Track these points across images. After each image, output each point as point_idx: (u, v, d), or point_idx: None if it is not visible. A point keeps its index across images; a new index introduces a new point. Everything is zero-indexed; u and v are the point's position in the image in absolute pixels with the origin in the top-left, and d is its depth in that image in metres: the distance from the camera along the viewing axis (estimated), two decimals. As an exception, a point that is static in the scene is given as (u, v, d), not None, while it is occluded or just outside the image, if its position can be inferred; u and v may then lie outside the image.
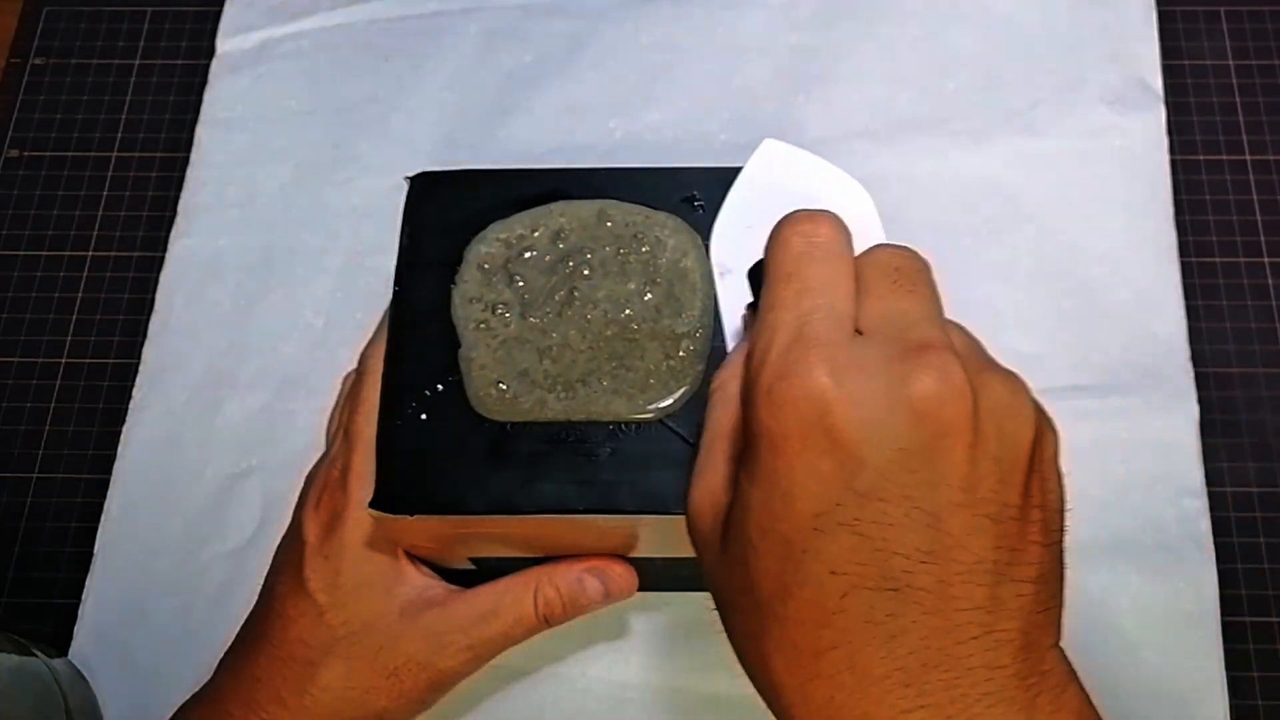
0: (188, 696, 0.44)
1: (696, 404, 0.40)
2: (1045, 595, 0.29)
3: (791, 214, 0.32)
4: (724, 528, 0.31)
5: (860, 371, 0.28)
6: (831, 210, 0.33)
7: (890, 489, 0.28)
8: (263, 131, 0.61)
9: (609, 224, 0.42)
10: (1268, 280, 0.56)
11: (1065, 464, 0.31)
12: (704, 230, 0.41)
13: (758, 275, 0.34)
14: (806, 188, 0.37)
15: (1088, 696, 0.29)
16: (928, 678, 0.27)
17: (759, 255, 0.34)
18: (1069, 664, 0.30)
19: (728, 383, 0.33)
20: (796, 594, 0.28)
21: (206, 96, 0.62)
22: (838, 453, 0.28)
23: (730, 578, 0.31)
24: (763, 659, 0.29)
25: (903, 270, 0.32)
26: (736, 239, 0.37)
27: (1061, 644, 0.30)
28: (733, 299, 0.37)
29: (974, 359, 0.30)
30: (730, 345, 0.36)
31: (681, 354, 0.40)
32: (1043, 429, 0.30)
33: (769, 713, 0.33)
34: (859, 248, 0.33)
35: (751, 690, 0.49)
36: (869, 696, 0.28)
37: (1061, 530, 0.30)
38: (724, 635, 0.49)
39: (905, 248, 0.32)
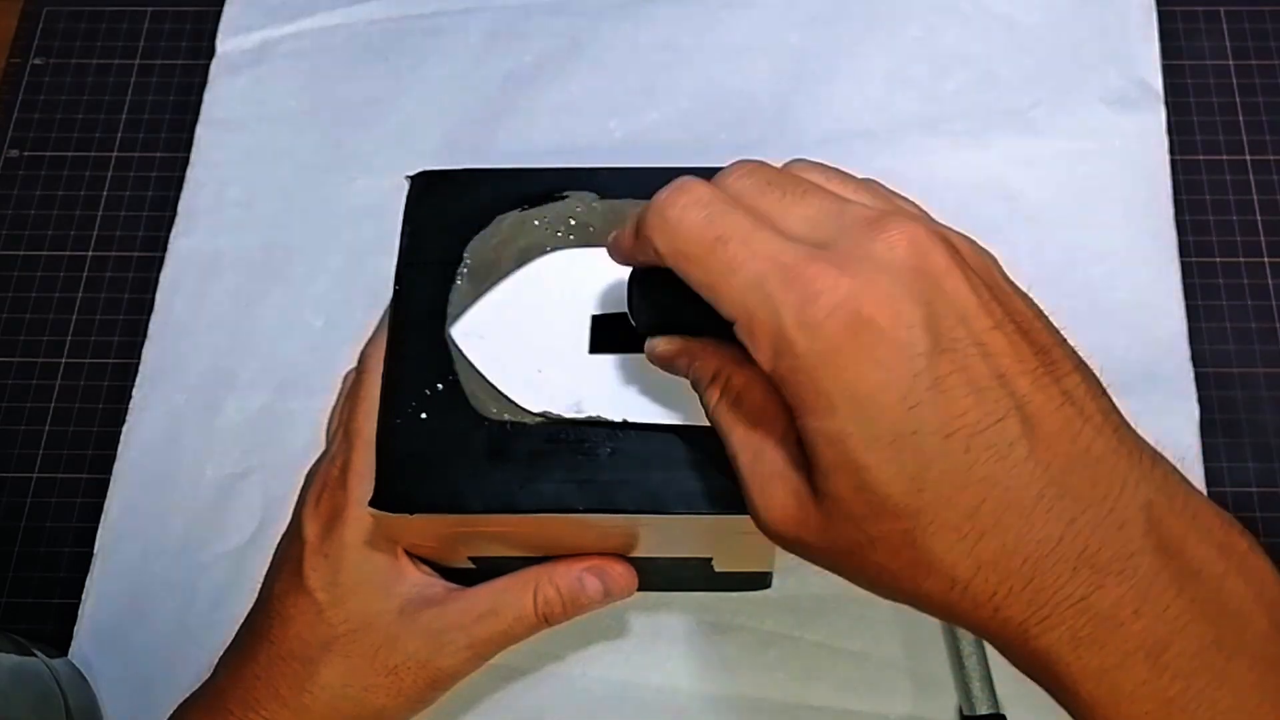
0: (187, 696, 0.44)
1: (696, 404, 0.40)
2: (1095, 384, 0.31)
3: (655, 201, 0.32)
4: (816, 498, 0.31)
5: (852, 262, 0.29)
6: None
7: (940, 339, 0.29)
8: (263, 131, 0.61)
9: (613, 216, 0.42)
10: (1268, 280, 0.56)
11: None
12: None
13: (652, 283, 0.34)
14: (522, 306, 0.39)
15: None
16: (1071, 481, 0.29)
17: (575, 381, 0.37)
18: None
19: (725, 384, 0.33)
20: (928, 474, 0.29)
21: (206, 96, 0.62)
22: (886, 335, 0.29)
23: (849, 530, 0.30)
24: (923, 563, 0.30)
25: (769, 178, 0.32)
26: (546, 388, 0.38)
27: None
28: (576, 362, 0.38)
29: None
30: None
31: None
32: (985, 251, 0.32)
33: (759, 714, 0.33)
34: (614, 283, 0.36)
35: (751, 691, 0.49)
36: (1036, 522, 0.29)
37: (1060, 334, 0.32)
38: (722, 635, 0.49)
39: (749, 165, 0.33)
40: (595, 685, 0.50)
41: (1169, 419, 0.53)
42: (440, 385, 0.40)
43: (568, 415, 0.38)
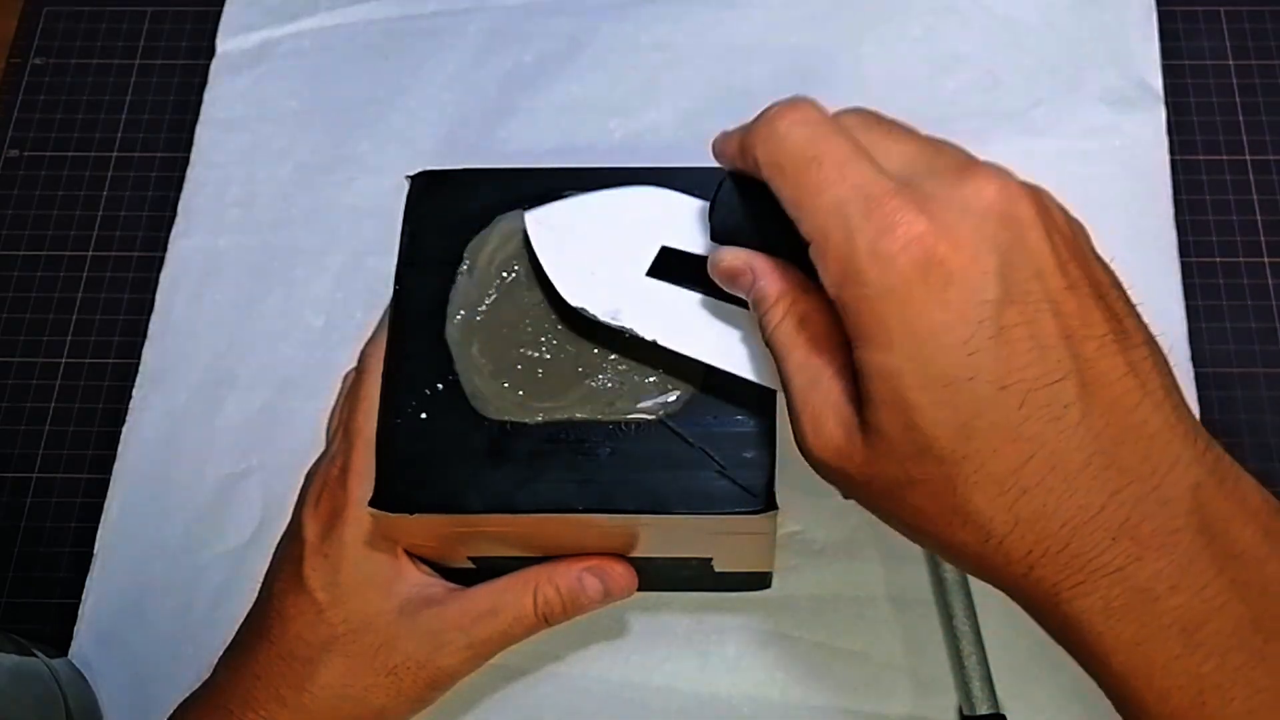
0: (187, 695, 0.44)
1: (697, 404, 0.40)
2: (1161, 361, 0.31)
3: (767, 112, 0.33)
4: (863, 432, 0.31)
5: (935, 203, 0.30)
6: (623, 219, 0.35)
7: (1012, 290, 0.29)
8: (263, 131, 0.61)
9: None
10: (1268, 280, 0.56)
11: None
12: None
13: (741, 191, 0.34)
14: (600, 218, 0.39)
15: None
16: (1121, 453, 0.29)
17: (622, 292, 0.36)
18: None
19: (790, 307, 0.33)
20: (978, 423, 0.29)
21: (206, 96, 0.62)
22: (956, 278, 0.29)
23: (892, 468, 0.31)
24: (961, 511, 0.30)
25: (879, 119, 0.33)
26: (595, 288, 0.38)
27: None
28: (670, 312, 0.37)
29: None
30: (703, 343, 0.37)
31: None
32: (1076, 220, 0.32)
33: (758, 714, 0.33)
34: (701, 230, 0.36)
35: (751, 690, 0.49)
36: (1079, 488, 0.29)
37: (1135, 308, 0.32)
38: (722, 635, 0.49)
39: (863, 109, 0.34)
40: (595, 685, 0.50)
41: (1169, 419, 0.52)
42: (440, 385, 0.40)
43: (602, 318, 0.38)
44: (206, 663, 0.45)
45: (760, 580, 0.49)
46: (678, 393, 0.40)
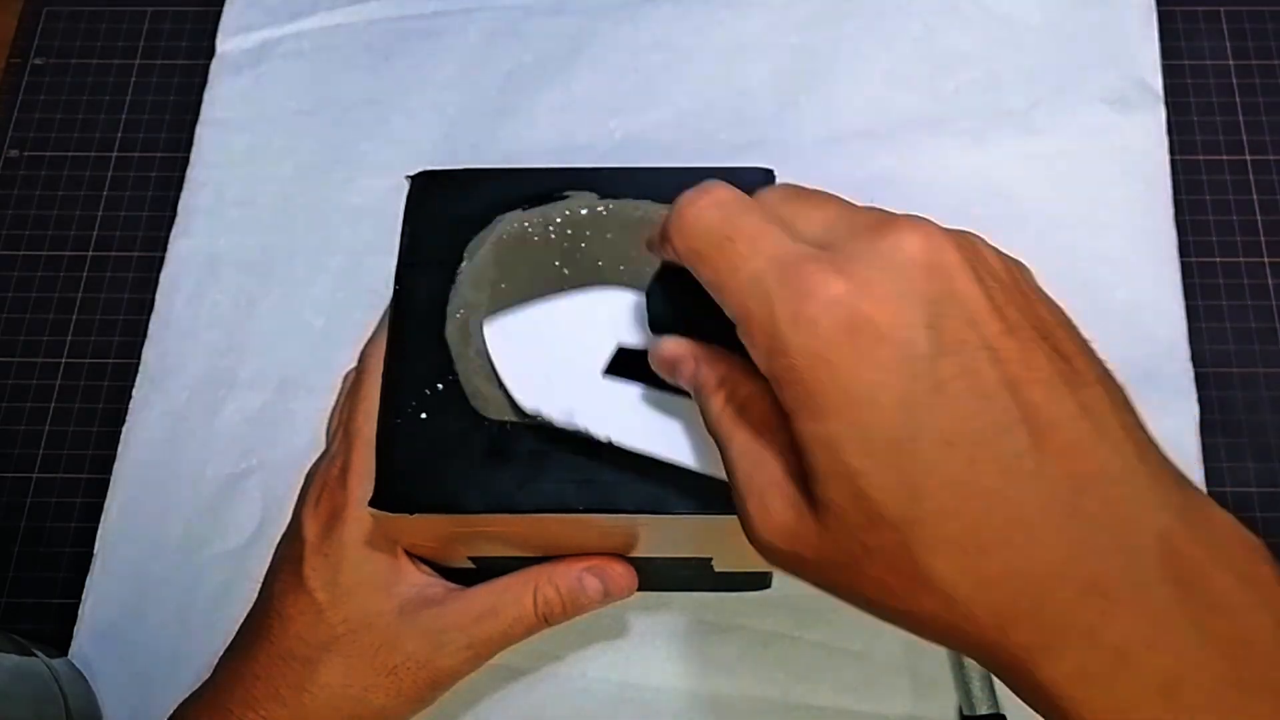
0: (187, 695, 0.44)
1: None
2: (1119, 398, 0.29)
3: (679, 203, 0.32)
4: (812, 508, 0.30)
5: (855, 263, 0.29)
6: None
7: (945, 341, 0.28)
8: (263, 131, 0.61)
9: (614, 213, 0.42)
10: (1268, 280, 0.56)
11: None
12: None
13: (672, 283, 0.34)
14: (559, 323, 0.39)
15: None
16: (1082, 501, 0.27)
17: (577, 394, 0.37)
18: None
19: (730, 392, 0.32)
20: (928, 483, 0.28)
21: (206, 96, 0.62)
22: (885, 335, 0.28)
23: (845, 541, 0.29)
24: (921, 578, 0.28)
25: (799, 191, 0.32)
26: (550, 392, 0.38)
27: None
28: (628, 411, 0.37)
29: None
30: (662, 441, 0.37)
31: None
32: (1014, 260, 0.31)
33: (758, 714, 0.33)
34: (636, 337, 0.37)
35: (751, 690, 0.49)
36: (1041, 542, 0.27)
37: (1088, 344, 0.30)
38: (722, 635, 0.49)
39: (785, 184, 0.33)
40: (595, 685, 0.50)
41: (1169, 419, 0.53)
42: (440, 385, 0.40)
43: (556, 419, 0.38)
44: (206, 663, 0.45)
45: (760, 580, 0.49)
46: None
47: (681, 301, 0.34)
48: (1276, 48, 0.61)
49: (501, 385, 0.39)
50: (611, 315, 0.39)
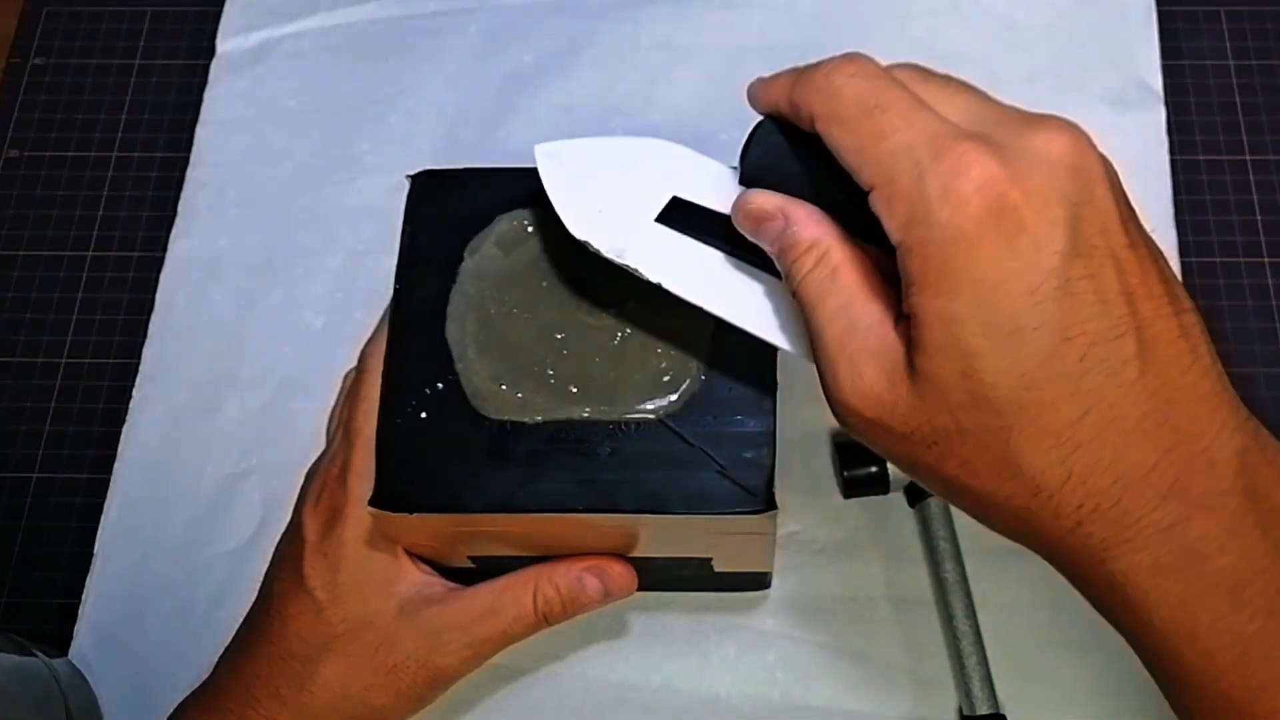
0: (187, 695, 0.44)
1: (697, 404, 0.40)
2: (1205, 328, 0.31)
3: (821, 65, 0.32)
4: (910, 382, 0.30)
5: (1007, 150, 0.29)
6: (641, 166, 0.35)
7: (1079, 243, 0.29)
8: (263, 131, 0.61)
9: None
10: (1268, 280, 0.56)
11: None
12: None
13: (782, 136, 0.34)
14: (611, 161, 0.38)
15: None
16: (1174, 413, 0.29)
17: (629, 232, 0.36)
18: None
19: (822, 256, 0.32)
20: (1039, 373, 0.29)
21: (206, 96, 0.62)
22: (1028, 226, 0.29)
23: (940, 418, 0.30)
24: (1011, 464, 0.29)
25: (933, 73, 0.33)
26: (601, 225, 0.37)
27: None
28: (669, 252, 0.37)
29: None
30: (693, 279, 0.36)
31: (683, 353, 0.40)
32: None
33: (758, 714, 0.33)
34: (713, 188, 0.36)
35: (751, 690, 0.49)
36: (1133, 445, 0.29)
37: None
38: (722, 635, 0.49)
39: (912, 64, 0.33)
40: (595, 685, 0.50)
41: (1169, 419, 0.53)
42: (440, 385, 0.40)
43: (606, 253, 0.37)
44: (206, 663, 0.45)
45: (760, 580, 0.49)
46: (678, 392, 0.40)
47: (785, 155, 0.34)
48: (1276, 48, 0.61)
49: (548, 221, 0.38)
50: (664, 164, 0.38)
